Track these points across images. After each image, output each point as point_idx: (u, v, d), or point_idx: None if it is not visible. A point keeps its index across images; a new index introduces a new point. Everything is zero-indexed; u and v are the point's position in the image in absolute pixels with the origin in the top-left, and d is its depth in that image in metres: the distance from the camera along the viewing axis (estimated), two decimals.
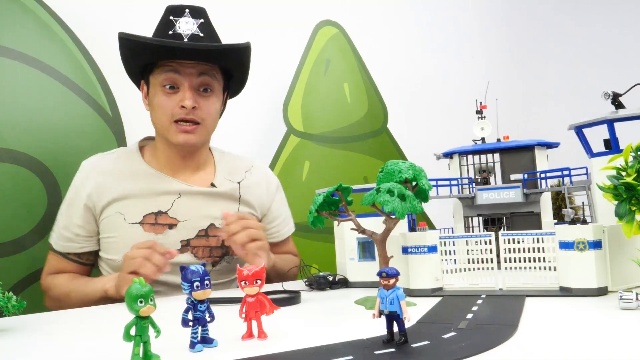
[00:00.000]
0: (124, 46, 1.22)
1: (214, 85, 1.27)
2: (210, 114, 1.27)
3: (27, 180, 1.42)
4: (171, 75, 1.21)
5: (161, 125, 1.25)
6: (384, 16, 2.47)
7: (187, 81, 1.22)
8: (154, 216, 1.24)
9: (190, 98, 1.21)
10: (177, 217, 1.26)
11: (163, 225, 1.24)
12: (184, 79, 1.21)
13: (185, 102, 1.20)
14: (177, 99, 1.22)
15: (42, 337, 0.79)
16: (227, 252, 1.31)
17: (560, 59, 3.10)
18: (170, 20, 1.22)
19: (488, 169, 1.30)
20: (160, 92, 1.23)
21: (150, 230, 1.23)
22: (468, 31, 2.83)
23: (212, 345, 0.63)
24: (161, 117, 1.24)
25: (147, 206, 1.24)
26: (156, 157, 1.32)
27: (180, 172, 1.32)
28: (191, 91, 1.22)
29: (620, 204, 0.77)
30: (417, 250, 0.91)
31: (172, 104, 1.22)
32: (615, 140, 0.98)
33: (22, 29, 1.46)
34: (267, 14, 2.07)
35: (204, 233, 1.28)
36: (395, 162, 0.87)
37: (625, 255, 0.85)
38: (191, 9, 1.25)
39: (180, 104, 1.21)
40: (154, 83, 1.24)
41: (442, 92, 2.61)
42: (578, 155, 1.22)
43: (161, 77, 1.22)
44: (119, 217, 1.23)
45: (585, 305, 0.77)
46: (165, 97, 1.22)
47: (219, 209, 1.28)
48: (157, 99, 1.23)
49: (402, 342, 0.57)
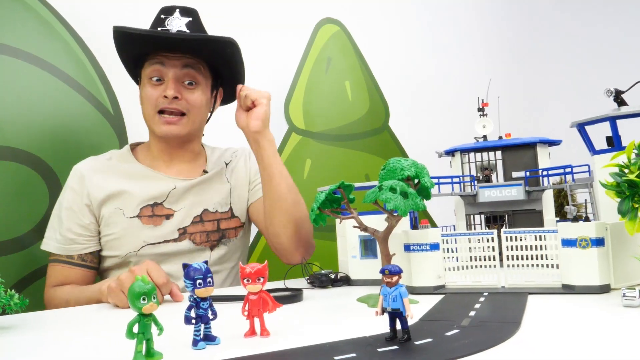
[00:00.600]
0: (115, 39, 1.25)
1: (199, 79, 1.29)
2: (194, 106, 1.29)
3: (28, 178, 1.42)
4: (157, 67, 1.25)
5: (148, 116, 1.28)
6: (385, 14, 2.46)
7: (171, 72, 1.25)
8: (151, 208, 1.27)
9: (172, 88, 1.24)
10: (172, 207, 1.30)
11: (160, 216, 1.28)
12: (168, 70, 1.25)
13: (167, 91, 1.23)
14: (161, 89, 1.25)
15: (45, 335, 0.79)
16: (224, 235, 1.35)
17: (561, 56, 3.09)
18: (161, 19, 1.27)
19: (490, 167, 1.30)
20: (148, 84, 1.26)
21: (149, 222, 1.27)
22: (469, 29, 2.82)
23: (215, 342, 0.63)
24: (147, 107, 1.28)
25: (144, 199, 1.27)
26: (150, 152, 1.36)
27: (173, 164, 1.35)
28: (174, 82, 1.25)
29: (623, 201, 0.77)
30: (419, 248, 0.91)
31: (156, 94, 1.25)
32: (618, 138, 0.98)
33: (23, 26, 1.46)
34: (268, 12, 2.07)
35: (198, 219, 1.32)
36: (397, 159, 0.87)
37: (628, 253, 0.85)
38: (182, 8, 1.28)
39: (164, 94, 1.24)
40: (143, 76, 1.28)
41: (444, 90, 2.60)
42: (580, 153, 1.22)
43: (149, 70, 1.26)
44: (118, 212, 1.26)
45: (588, 302, 0.77)
46: (151, 88, 1.26)
47: (210, 194, 1.35)
48: (144, 91, 1.28)
49: (405, 340, 0.57)
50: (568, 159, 1.21)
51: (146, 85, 1.27)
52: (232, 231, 1.38)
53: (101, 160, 1.33)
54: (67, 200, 1.28)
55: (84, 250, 1.27)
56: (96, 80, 1.57)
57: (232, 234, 1.38)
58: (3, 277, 0.85)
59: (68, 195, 1.28)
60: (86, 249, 1.27)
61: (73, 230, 1.25)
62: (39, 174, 1.43)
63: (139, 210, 1.27)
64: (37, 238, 1.40)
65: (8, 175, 1.38)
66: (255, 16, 2.03)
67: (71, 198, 1.27)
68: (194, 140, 1.38)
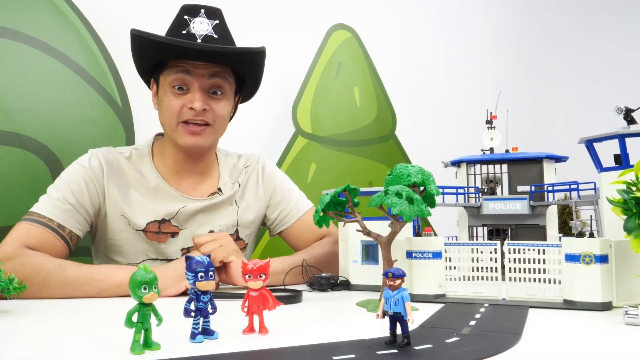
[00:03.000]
0: (135, 43, 1.19)
1: (225, 88, 1.23)
2: (220, 117, 1.23)
3: (33, 165, 1.42)
4: (181, 76, 1.18)
5: (169, 126, 1.22)
6: (397, 22, 2.47)
7: (198, 82, 1.18)
8: (158, 224, 1.23)
9: (200, 100, 1.17)
10: (179, 226, 1.25)
11: (166, 234, 1.24)
12: (194, 80, 1.18)
13: (194, 103, 1.17)
14: (186, 99, 1.18)
15: (42, 321, 0.78)
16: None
17: (571, 73, 3.10)
18: (185, 20, 1.19)
19: (495, 179, 1.29)
20: (170, 92, 1.19)
21: (154, 238, 1.23)
22: (480, 42, 2.83)
23: (213, 337, 0.62)
24: (169, 117, 1.21)
25: (152, 214, 1.23)
26: (164, 159, 1.29)
27: (186, 177, 1.30)
28: (201, 93, 1.18)
29: (629, 219, 0.77)
30: (421, 255, 0.91)
31: (180, 104, 1.19)
32: (626, 156, 0.97)
33: (39, 15, 1.47)
34: (282, 14, 2.08)
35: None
36: (404, 165, 0.87)
37: (631, 271, 0.84)
38: (207, 9, 1.21)
39: (190, 105, 1.18)
40: (163, 83, 1.21)
41: (451, 101, 2.61)
42: (585, 170, 1.21)
43: (171, 77, 1.19)
44: (123, 220, 1.21)
45: (589, 319, 0.76)
46: (174, 97, 1.19)
47: (219, 217, 1.30)
48: (165, 100, 1.20)
49: (404, 344, 0.57)
50: (572, 175, 1.21)
51: (168, 93, 1.19)
52: None
53: (120, 156, 1.26)
54: (76, 175, 1.18)
55: (77, 228, 1.15)
56: (107, 72, 1.58)
57: None
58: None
59: (79, 171, 1.19)
60: (78, 230, 1.16)
61: (70, 202, 1.15)
62: (44, 161, 1.44)
63: (145, 224, 1.22)
64: None
65: (14, 161, 1.39)
66: (269, 17, 2.04)
67: (81, 176, 1.18)
68: (212, 149, 1.34)
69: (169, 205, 1.25)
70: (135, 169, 1.25)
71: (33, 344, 0.63)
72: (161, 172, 1.28)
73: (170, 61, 1.19)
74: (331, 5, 2.23)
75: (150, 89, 1.30)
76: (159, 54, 1.18)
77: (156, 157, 1.30)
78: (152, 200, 1.24)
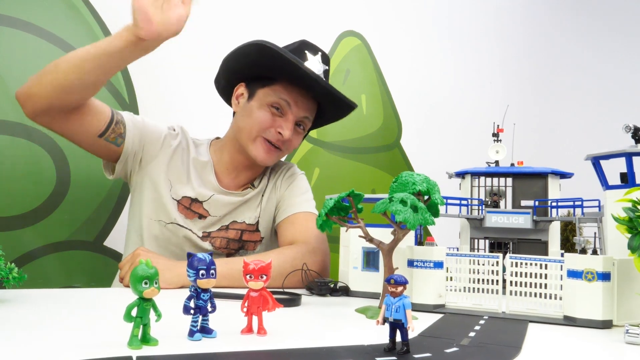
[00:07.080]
0: (257, 51, 1.22)
1: (308, 126, 1.36)
2: (292, 147, 1.35)
3: (38, 156, 1.42)
4: (283, 103, 1.27)
5: (249, 133, 1.29)
6: (407, 32, 2.48)
7: (294, 114, 1.28)
8: (190, 201, 1.29)
9: (290, 129, 1.28)
10: (209, 211, 1.31)
11: (195, 213, 1.30)
12: (293, 109, 1.28)
13: (285, 132, 1.27)
14: (277, 123, 1.28)
15: (41, 311, 0.78)
16: (242, 247, 1.35)
17: (578, 91, 3.10)
18: (305, 54, 1.28)
19: (499, 193, 1.29)
20: (265, 108, 1.28)
21: (183, 212, 1.29)
22: (489, 56, 2.83)
23: (211, 335, 0.62)
24: (254, 127, 1.28)
25: (189, 191, 1.29)
26: (220, 152, 1.37)
27: (233, 172, 1.36)
28: (293, 123, 1.29)
29: (634, 237, 0.76)
30: (422, 265, 0.90)
31: (270, 122, 1.27)
32: (633, 175, 0.97)
33: (51, 7, 1.48)
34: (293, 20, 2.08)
35: (225, 228, 1.33)
36: (410, 173, 0.87)
37: (633, 290, 0.84)
38: (323, 53, 1.32)
39: (279, 130, 1.27)
40: (261, 96, 1.28)
41: (458, 113, 2.61)
42: (589, 188, 1.21)
43: (273, 98, 1.27)
44: (166, 183, 1.28)
45: (589, 336, 0.76)
46: (270, 115, 1.27)
47: (244, 210, 1.36)
48: (259, 113, 1.28)
49: (404, 352, 0.56)
50: (576, 193, 1.20)
51: (264, 107, 1.28)
52: (252, 244, 1.37)
53: (190, 138, 1.36)
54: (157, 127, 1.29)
55: (121, 136, 1.22)
56: None
57: (251, 247, 1.37)
58: (5, 250, 0.85)
59: (160, 127, 1.30)
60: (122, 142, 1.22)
61: (138, 126, 1.25)
62: (49, 153, 1.44)
63: (181, 197, 1.29)
64: (42, 216, 1.40)
65: (19, 152, 1.39)
66: (280, 22, 2.04)
67: (148, 123, 1.28)
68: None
69: (204, 189, 1.31)
70: (191, 148, 1.34)
71: (30, 334, 0.63)
72: (214, 160, 1.35)
73: (278, 81, 1.27)
74: (342, 12, 2.24)
75: (235, 90, 1.35)
76: (275, 70, 1.25)
77: (212, 147, 1.39)
78: (193, 180, 1.31)
